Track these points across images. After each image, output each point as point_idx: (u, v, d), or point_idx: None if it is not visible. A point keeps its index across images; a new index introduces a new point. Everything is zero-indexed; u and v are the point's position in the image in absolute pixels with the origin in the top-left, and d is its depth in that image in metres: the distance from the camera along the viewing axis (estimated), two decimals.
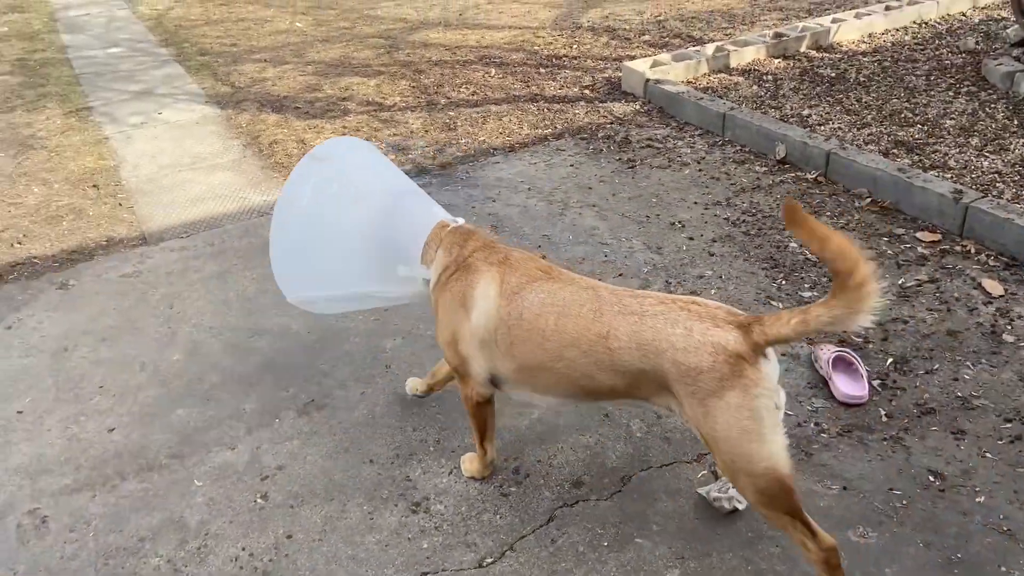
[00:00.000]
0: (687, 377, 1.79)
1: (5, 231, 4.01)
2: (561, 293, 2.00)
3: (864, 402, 2.60)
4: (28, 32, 7.92)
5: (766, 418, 1.76)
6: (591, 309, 1.94)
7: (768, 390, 1.76)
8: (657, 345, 1.82)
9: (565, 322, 1.96)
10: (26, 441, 2.64)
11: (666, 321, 1.83)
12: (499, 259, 2.13)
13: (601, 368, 1.92)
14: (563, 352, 1.96)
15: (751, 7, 6.98)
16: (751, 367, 1.75)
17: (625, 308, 1.90)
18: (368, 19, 7.66)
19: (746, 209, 3.80)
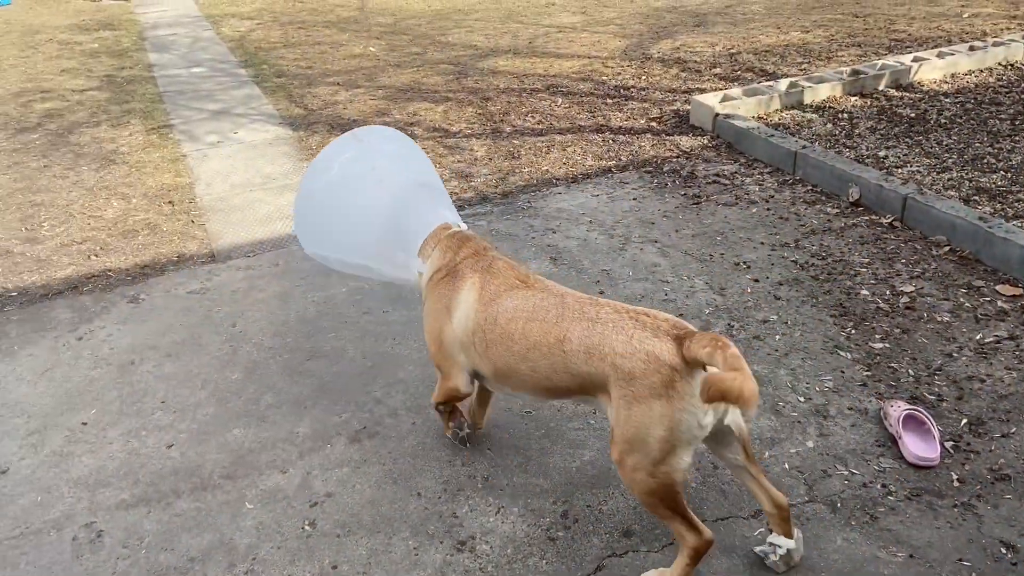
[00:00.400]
0: (622, 380, 1.88)
1: (84, 243, 4.17)
2: (532, 300, 2.14)
3: (935, 464, 2.48)
4: (118, 49, 8.27)
5: (684, 432, 1.83)
6: (554, 315, 2.06)
7: (693, 406, 1.81)
8: (601, 349, 1.93)
9: (531, 327, 2.09)
10: (88, 453, 2.71)
11: (613, 328, 1.94)
12: (483, 267, 2.28)
13: (556, 370, 2.05)
14: (527, 354, 2.10)
15: (828, 43, 6.84)
16: (681, 380, 1.81)
17: (582, 315, 2.02)
18: (439, 45, 7.77)
19: (815, 252, 3.69)
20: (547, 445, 2.64)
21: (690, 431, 1.83)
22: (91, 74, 7.36)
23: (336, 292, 3.59)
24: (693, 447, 1.88)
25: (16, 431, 2.83)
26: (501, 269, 2.27)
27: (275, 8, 9.95)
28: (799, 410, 2.74)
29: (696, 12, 8.32)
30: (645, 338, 1.87)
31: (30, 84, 7.08)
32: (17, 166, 5.22)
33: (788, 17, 7.79)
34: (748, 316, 3.26)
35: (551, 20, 8.46)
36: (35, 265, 3.97)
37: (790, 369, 2.94)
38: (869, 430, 2.64)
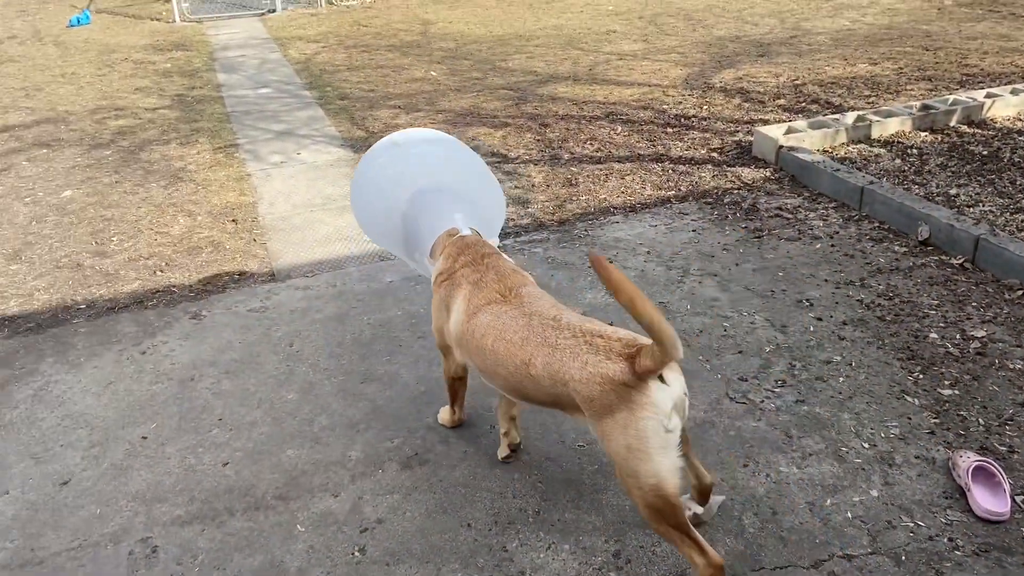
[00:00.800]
0: (584, 403, 2.04)
1: (151, 258, 4.28)
2: (503, 318, 2.29)
3: (1005, 519, 2.36)
4: (189, 69, 8.54)
5: (651, 438, 1.93)
6: (520, 337, 2.21)
7: (654, 413, 1.92)
8: (562, 376, 2.08)
9: (499, 345, 2.26)
10: (147, 468, 2.76)
11: (571, 354, 2.07)
12: (474, 280, 2.45)
13: (527, 386, 2.21)
14: (498, 368, 2.27)
15: (897, 76, 6.69)
16: (637, 392, 1.94)
17: (545, 340, 2.15)
18: (499, 71, 7.84)
19: (882, 292, 3.58)
20: (600, 481, 2.60)
21: (657, 435, 1.93)
22: (163, 93, 7.61)
23: (392, 315, 3.61)
24: (670, 452, 1.96)
25: (79, 442, 2.90)
26: (488, 282, 2.43)
27: (340, 32, 10.18)
28: (863, 457, 2.65)
29: (760, 42, 8.24)
30: (598, 362, 2.00)
31: (105, 102, 7.34)
32: (90, 181, 5.40)
33: (855, 49, 7.66)
34: (811, 356, 3.17)
35: (612, 47, 8.47)
36: (103, 279, 4.09)
37: (854, 413, 2.84)
38: (936, 480, 2.54)
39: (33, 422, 3.02)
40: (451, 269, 2.53)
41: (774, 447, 2.71)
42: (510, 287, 2.40)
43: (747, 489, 2.53)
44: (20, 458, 2.84)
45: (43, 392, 3.20)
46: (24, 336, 3.61)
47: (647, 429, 1.93)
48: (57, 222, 4.78)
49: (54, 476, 2.74)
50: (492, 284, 2.42)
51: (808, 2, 10.06)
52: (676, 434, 1.96)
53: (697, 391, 3.00)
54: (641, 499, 2.01)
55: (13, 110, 7.18)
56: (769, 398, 2.94)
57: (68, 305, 3.86)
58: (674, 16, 9.85)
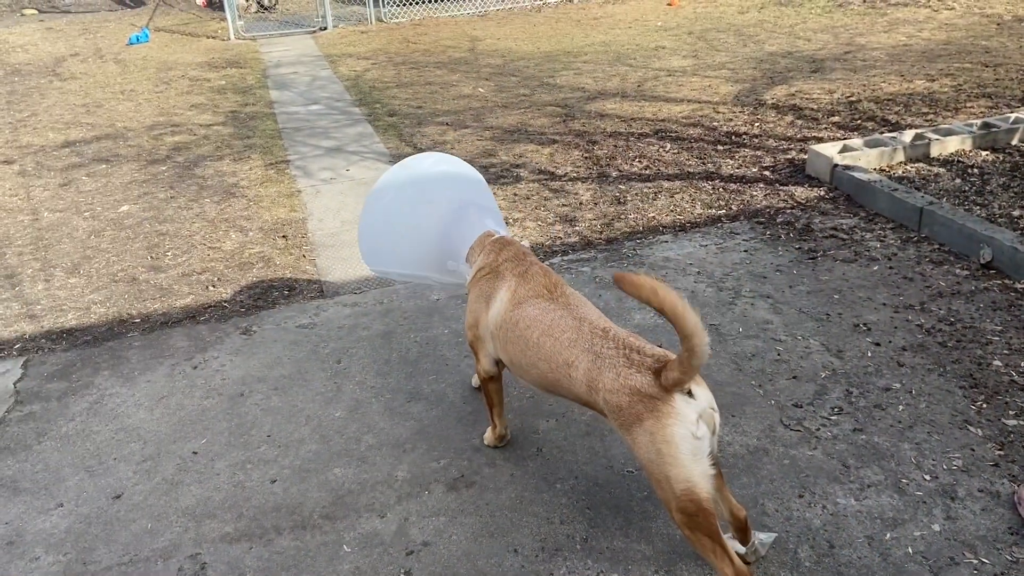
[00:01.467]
0: (613, 412, 2.12)
1: (203, 273, 4.35)
2: (552, 315, 2.38)
3: None
4: (242, 87, 8.72)
5: (680, 444, 1.98)
6: (568, 338, 2.29)
7: (681, 421, 1.98)
8: (597, 384, 2.16)
9: (545, 340, 2.34)
10: (197, 483, 2.78)
11: (608, 365, 2.15)
12: (519, 272, 2.57)
13: (560, 385, 2.31)
14: (537, 363, 2.36)
15: (955, 92, 6.52)
16: (663, 403, 2.01)
17: (591, 348, 2.22)
18: (547, 87, 7.84)
19: (943, 317, 3.46)
20: (649, 508, 2.54)
21: (686, 441, 1.98)
22: (217, 110, 7.77)
23: (438, 333, 3.61)
24: (700, 458, 1.99)
25: (132, 456, 2.94)
26: (534, 275, 2.55)
27: (390, 49, 10.30)
28: (924, 489, 2.55)
29: (813, 57, 8.11)
30: (629, 375, 2.09)
31: (162, 118, 7.53)
32: (146, 196, 5.53)
33: (912, 65, 7.49)
34: (868, 383, 3.07)
35: (660, 63, 8.41)
36: (158, 293, 4.17)
37: (915, 444, 2.74)
38: (1001, 515, 2.43)
39: (88, 435, 3.08)
40: (494, 263, 2.65)
41: (831, 477, 2.62)
42: (555, 283, 2.52)
43: (803, 521, 2.46)
44: (75, 471, 2.89)
45: (98, 405, 3.26)
46: (81, 349, 3.69)
47: (675, 435, 1.99)
48: (114, 236, 4.90)
49: (107, 490, 2.78)
50: (538, 278, 2.53)
51: (862, 17, 9.88)
52: (706, 443, 2.00)
53: (750, 417, 2.93)
54: (675, 504, 2.04)
55: (75, 126, 7.40)
56: (825, 426, 2.86)
57: (124, 319, 3.94)
58: (724, 32, 9.76)
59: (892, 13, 9.93)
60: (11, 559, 2.51)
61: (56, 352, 3.68)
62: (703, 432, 2.00)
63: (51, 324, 3.93)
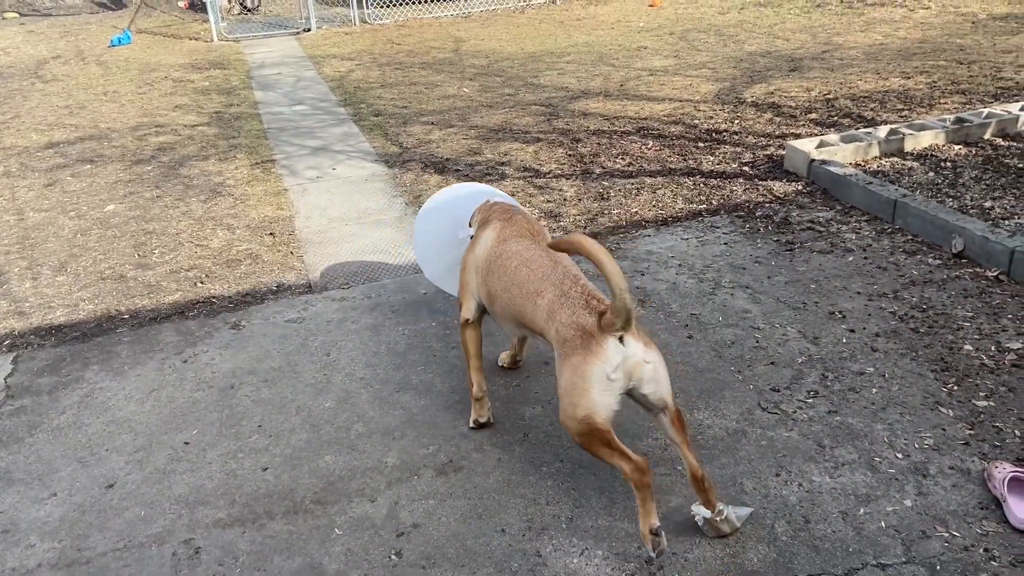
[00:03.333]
0: (559, 342, 2.39)
1: (191, 270, 4.39)
2: (533, 251, 2.70)
3: None
4: (226, 88, 8.75)
5: (594, 381, 2.27)
6: (543, 272, 2.58)
7: (602, 362, 2.26)
8: (555, 315, 2.43)
9: (522, 269, 2.65)
10: (189, 472, 2.83)
11: (569, 302, 2.42)
12: (505, 217, 2.94)
13: (525, 312, 2.60)
14: (511, 288, 2.66)
15: (930, 89, 6.66)
16: (595, 343, 2.28)
17: (560, 284, 2.50)
18: (531, 87, 7.92)
19: (915, 304, 3.57)
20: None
21: (601, 379, 2.26)
22: (202, 110, 7.80)
23: (426, 326, 3.67)
24: (607, 394, 2.27)
25: (124, 447, 2.99)
26: (519, 221, 2.90)
27: (374, 50, 10.35)
28: (896, 467, 2.64)
29: (791, 57, 8.24)
30: (583, 314, 2.36)
31: (146, 119, 7.55)
32: (132, 196, 5.56)
33: (888, 63, 7.63)
34: (843, 367, 3.17)
35: (643, 63, 8.52)
36: (146, 290, 4.21)
37: (888, 424, 2.84)
38: (971, 491, 2.53)
39: (80, 427, 3.12)
40: (485, 216, 3.04)
41: (806, 457, 2.71)
42: (538, 230, 2.89)
43: (779, 498, 2.54)
44: (67, 462, 2.93)
45: (89, 399, 3.30)
46: (70, 345, 3.73)
47: (592, 373, 2.27)
48: (101, 235, 4.93)
49: (100, 479, 2.83)
50: (522, 223, 2.90)
51: (840, 17, 10.04)
52: (618, 384, 2.28)
53: (729, 401, 3.02)
54: (575, 428, 2.33)
55: (58, 127, 7.40)
56: (801, 408, 2.95)
57: (112, 315, 3.98)
58: (705, 32, 9.89)
59: (869, 13, 10.09)
60: (7, 547, 2.55)
61: (45, 348, 3.71)
62: (618, 376, 2.27)
63: (40, 321, 3.96)
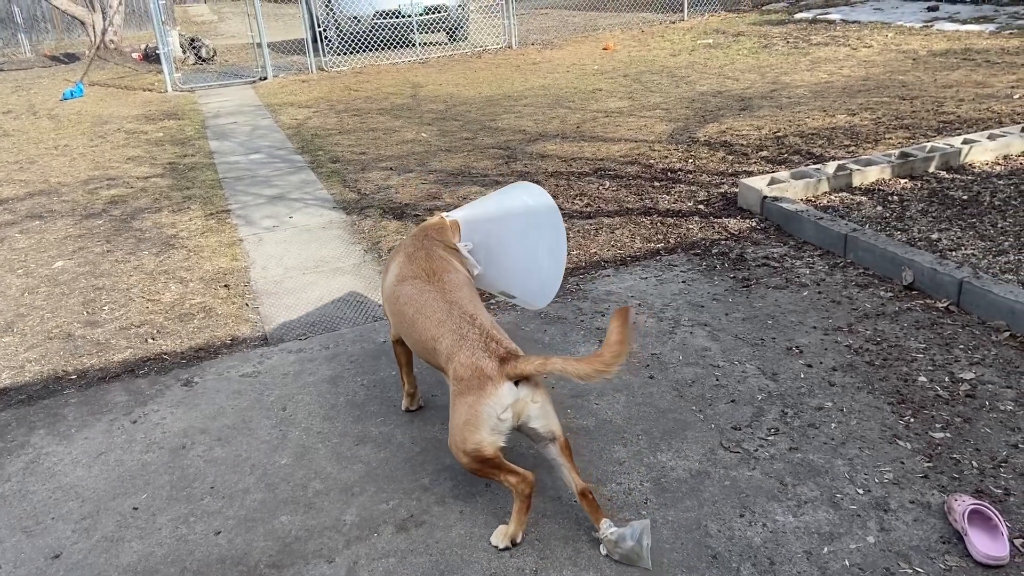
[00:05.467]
0: (455, 380, 2.54)
1: (142, 326, 4.29)
2: (426, 296, 2.81)
3: (1005, 563, 2.35)
4: (181, 138, 8.68)
5: (484, 419, 2.45)
6: (437, 319, 2.71)
7: (494, 404, 2.44)
8: (454, 357, 2.57)
9: (417, 318, 2.79)
10: (138, 539, 2.73)
11: (468, 345, 2.56)
12: (408, 253, 3.02)
13: (429, 353, 2.75)
14: (412, 333, 2.83)
15: (875, 125, 6.84)
16: (491, 385, 2.45)
17: (457, 330, 2.63)
18: (489, 130, 7.99)
19: (870, 337, 3.61)
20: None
21: (490, 419, 2.44)
22: (155, 162, 7.72)
23: (386, 376, 3.62)
24: (497, 433, 2.46)
25: (70, 515, 2.87)
26: (417, 259, 2.97)
27: (332, 97, 10.38)
28: (858, 503, 2.64)
29: (741, 96, 8.43)
30: (481, 357, 2.50)
31: (97, 172, 7.44)
32: (82, 251, 5.45)
33: (833, 100, 7.84)
34: (802, 403, 3.18)
35: (598, 105, 8.65)
36: (94, 348, 4.10)
37: (847, 459, 2.84)
38: (933, 525, 2.53)
39: (24, 495, 3.00)
40: (399, 246, 3.10)
41: (769, 496, 2.70)
42: (435, 270, 2.91)
43: (744, 539, 2.52)
44: (11, 532, 2.81)
45: (34, 464, 3.18)
46: (16, 408, 3.60)
47: (483, 411, 2.44)
48: (49, 293, 4.80)
49: (45, 550, 2.71)
50: (419, 262, 2.95)
51: (786, 57, 10.33)
52: (507, 424, 2.47)
53: (691, 442, 3.00)
54: (464, 457, 2.51)
55: (7, 183, 7.27)
56: (763, 446, 2.95)
57: (59, 376, 3.86)
58: (658, 74, 10.09)
59: (814, 52, 10.40)
60: None
61: None
62: (507, 416, 2.46)
63: None
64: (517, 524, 2.56)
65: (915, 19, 11.83)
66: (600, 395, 3.35)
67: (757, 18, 13.59)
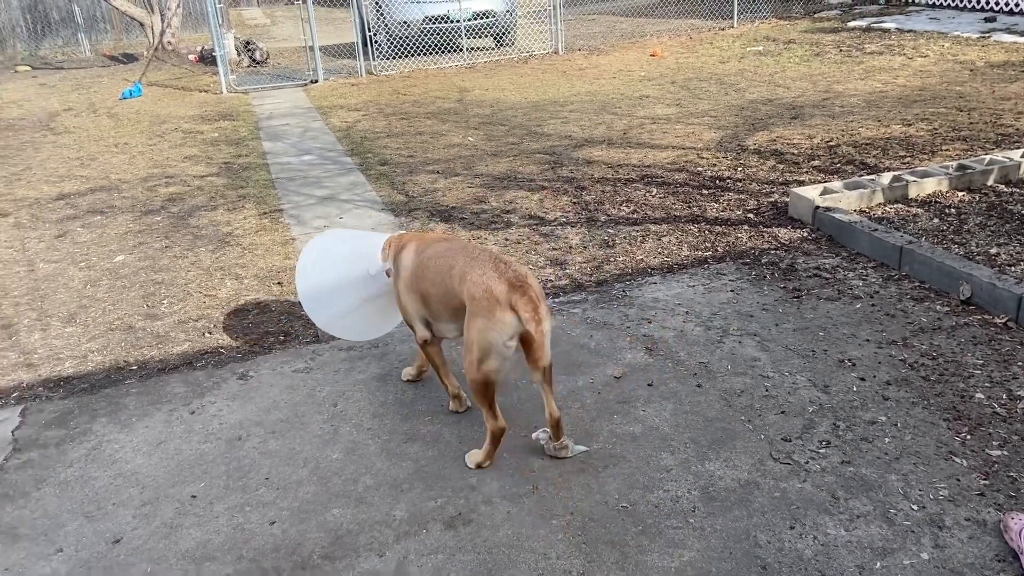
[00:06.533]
0: (468, 299, 2.80)
1: (199, 320, 4.41)
2: (444, 245, 3.11)
3: None
4: (235, 138, 8.87)
5: (495, 346, 2.73)
6: (452, 252, 3.00)
7: (502, 330, 2.72)
8: (466, 276, 2.84)
9: (436, 260, 3.04)
10: (196, 526, 2.81)
11: (479, 264, 2.84)
12: (418, 237, 3.29)
13: (447, 290, 2.96)
14: (435, 279, 3.03)
15: (931, 136, 6.72)
16: (500, 311, 2.71)
17: (468, 253, 2.94)
18: (535, 136, 8.02)
19: (925, 351, 3.55)
20: (644, 543, 2.59)
21: (498, 346, 2.73)
22: (211, 161, 7.90)
23: (433, 376, 3.66)
24: (503, 358, 2.77)
25: (131, 501, 2.96)
26: (430, 234, 3.31)
27: (380, 101, 10.52)
28: (912, 519, 2.61)
29: (792, 105, 8.35)
30: (492, 276, 2.77)
31: (156, 170, 7.65)
32: (142, 246, 5.61)
33: (888, 110, 7.72)
34: (855, 416, 3.15)
35: (645, 112, 8.63)
36: (154, 340, 4.22)
37: (902, 475, 2.81)
38: (988, 543, 2.49)
39: (87, 481, 3.10)
40: (400, 244, 3.30)
41: (820, 508, 2.68)
42: (449, 236, 3.31)
43: (794, 551, 2.51)
44: (74, 516, 2.91)
45: (96, 451, 3.29)
46: (79, 396, 3.72)
47: (492, 335, 2.73)
48: (110, 286, 4.96)
49: (107, 534, 2.80)
50: (435, 234, 3.31)
51: (839, 66, 10.19)
52: (512, 351, 2.76)
53: (740, 452, 2.99)
54: (472, 375, 2.80)
55: (69, 179, 7.50)
56: (814, 459, 2.92)
57: (120, 366, 3.98)
58: (706, 81, 10.04)
59: (868, 61, 10.25)
60: None
61: (54, 400, 3.71)
62: (512, 343, 2.74)
63: (48, 372, 3.97)
64: (486, 455, 2.99)
65: (972, 30, 11.58)
66: (647, 402, 3.35)
67: (809, 26, 13.42)
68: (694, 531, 2.61)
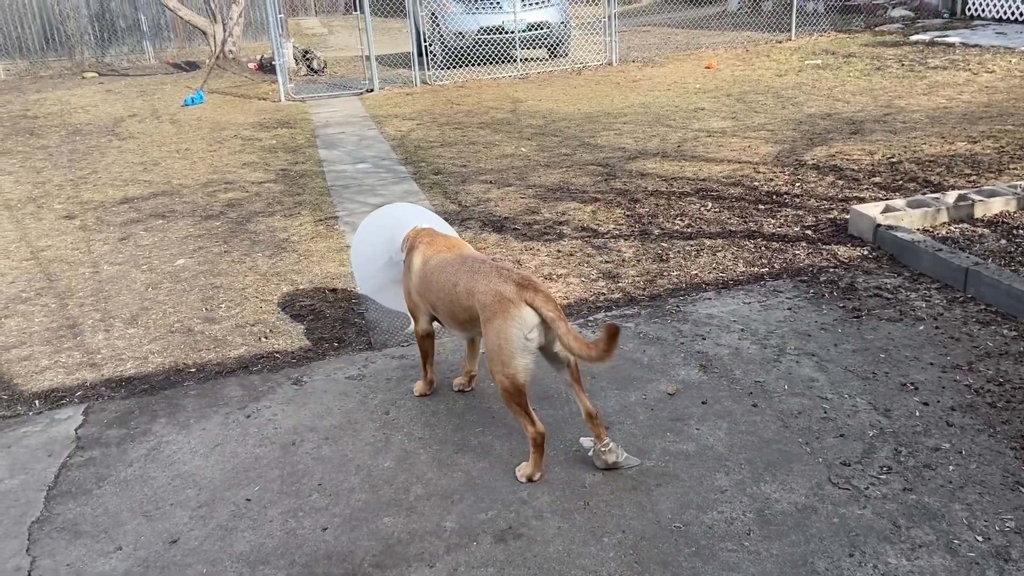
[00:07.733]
0: (481, 308, 2.89)
1: (256, 324, 4.49)
2: (446, 258, 3.22)
3: None
4: (292, 146, 9.04)
5: (514, 341, 2.79)
6: (454, 268, 3.12)
7: (520, 325, 2.78)
8: (473, 289, 2.95)
9: (440, 275, 3.17)
10: (250, 529, 2.85)
11: (483, 275, 2.94)
12: (427, 242, 3.38)
13: (455, 305, 3.09)
14: (440, 294, 3.17)
15: (998, 154, 6.52)
16: (513, 307, 2.79)
17: (470, 269, 3.03)
18: (588, 147, 8.00)
19: (991, 377, 3.44)
20: (698, 564, 2.54)
21: (520, 340, 2.79)
22: (268, 168, 8.06)
23: (485, 386, 3.67)
24: (527, 354, 2.81)
25: (188, 502, 3.02)
26: (439, 242, 3.36)
27: (434, 110, 10.62)
28: (976, 551, 2.52)
29: (852, 119, 8.19)
30: (497, 281, 2.87)
31: (216, 176, 7.83)
32: (201, 250, 5.74)
33: (953, 127, 7.52)
34: (917, 442, 3.05)
35: (700, 124, 8.55)
36: (212, 343, 4.31)
37: (966, 504, 2.71)
38: None
39: (146, 480, 3.17)
40: (413, 244, 3.43)
41: (881, 536, 2.60)
42: (454, 244, 3.36)
43: None
44: (133, 515, 2.98)
45: (155, 452, 3.36)
46: (139, 397, 3.82)
47: (512, 334, 2.79)
48: (171, 289, 5.08)
49: (164, 534, 2.86)
50: (439, 242, 3.36)
51: (901, 80, 9.97)
52: (533, 345, 2.81)
53: (797, 475, 2.93)
54: (501, 383, 2.86)
55: (133, 183, 7.72)
56: (874, 484, 2.84)
57: (180, 368, 4.07)
58: (763, 94, 9.91)
59: (931, 76, 10.00)
60: None
61: (115, 400, 3.81)
62: (533, 336, 2.79)
63: (111, 372, 4.08)
64: (534, 465, 2.97)
65: None
66: (701, 421, 3.30)
67: (869, 39, 13.16)
68: (749, 554, 2.56)
